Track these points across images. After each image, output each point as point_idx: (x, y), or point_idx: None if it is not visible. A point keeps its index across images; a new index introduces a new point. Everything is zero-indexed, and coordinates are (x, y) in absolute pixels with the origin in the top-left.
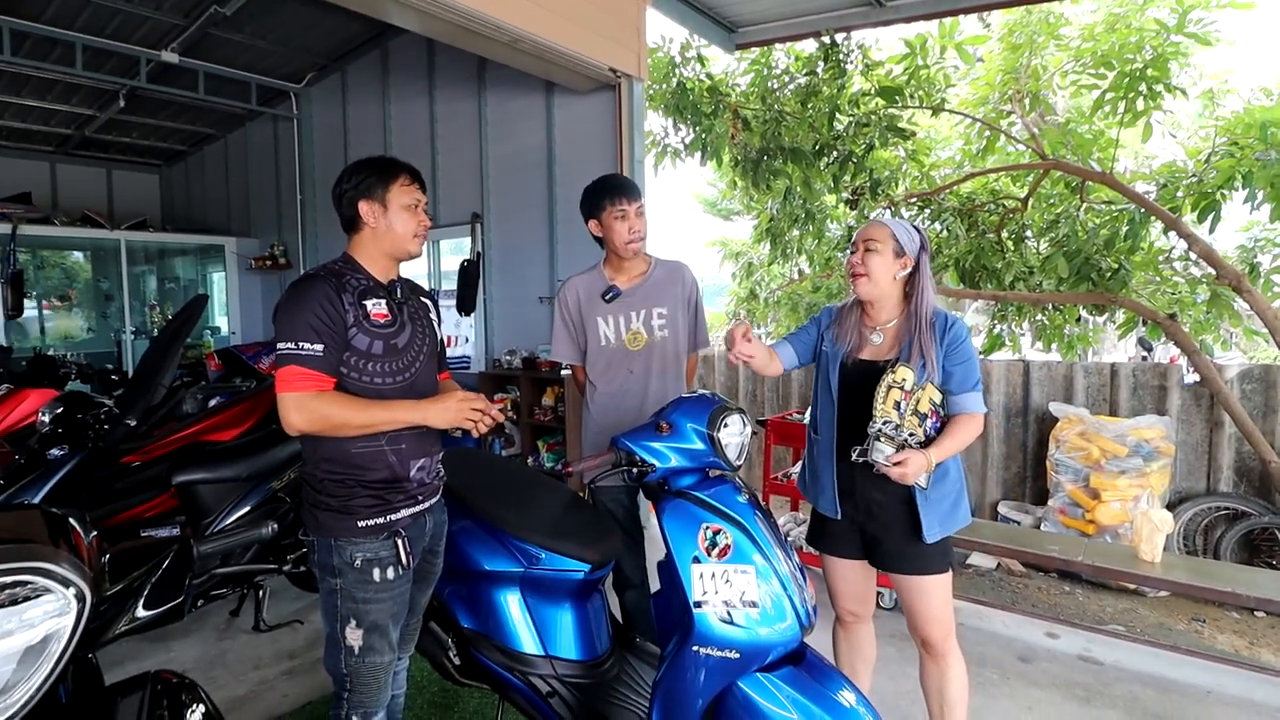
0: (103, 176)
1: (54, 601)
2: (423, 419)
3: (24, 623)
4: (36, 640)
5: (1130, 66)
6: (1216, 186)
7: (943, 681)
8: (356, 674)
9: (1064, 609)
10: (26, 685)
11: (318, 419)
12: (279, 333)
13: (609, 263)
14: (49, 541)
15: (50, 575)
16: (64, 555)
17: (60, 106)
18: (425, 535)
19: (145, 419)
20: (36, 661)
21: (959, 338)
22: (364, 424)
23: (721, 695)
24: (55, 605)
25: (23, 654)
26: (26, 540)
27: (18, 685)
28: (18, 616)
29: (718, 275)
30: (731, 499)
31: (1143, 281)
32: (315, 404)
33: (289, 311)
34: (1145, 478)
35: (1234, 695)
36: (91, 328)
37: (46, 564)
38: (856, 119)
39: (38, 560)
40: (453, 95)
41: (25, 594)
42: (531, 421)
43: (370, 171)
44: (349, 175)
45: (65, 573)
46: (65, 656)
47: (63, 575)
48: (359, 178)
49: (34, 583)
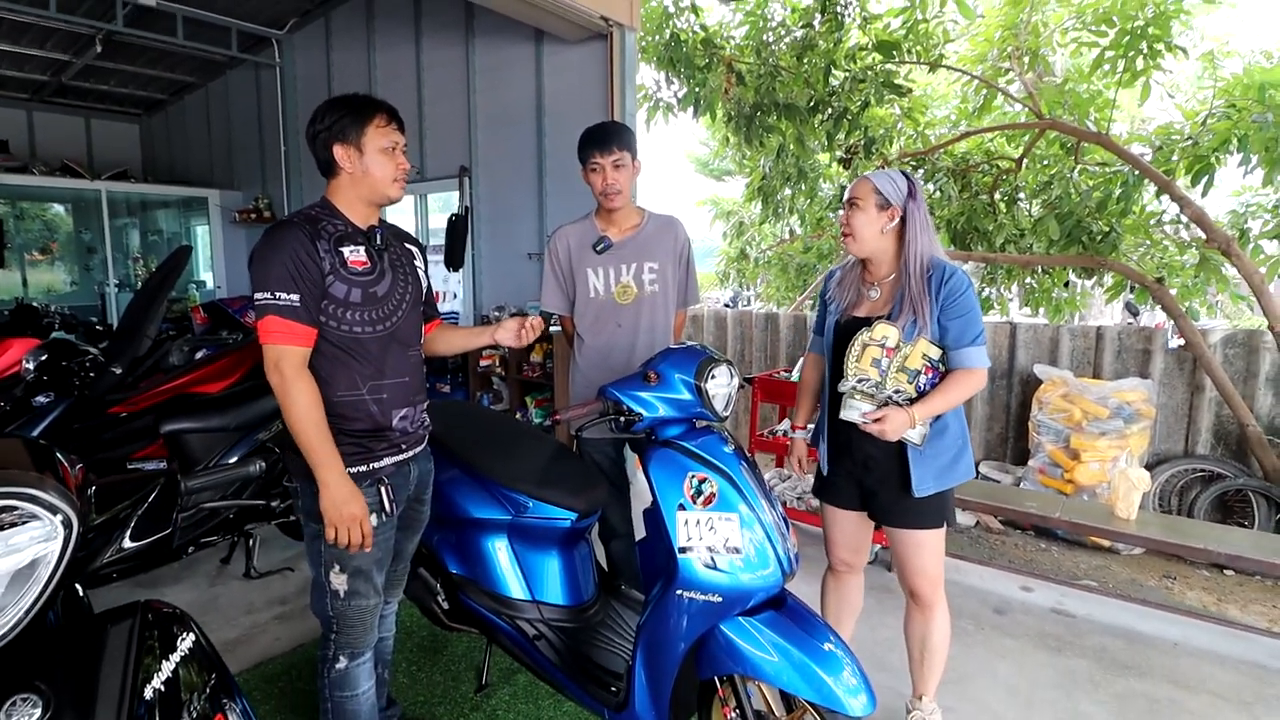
0: (81, 126)
1: (41, 528)
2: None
3: (10, 547)
4: (24, 564)
5: (1132, 24)
6: (1212, 149)
7: (926, 630)
8: (342, 617)
9: (1039, 565)
10: (15, 609)
11: (282, 393)
12: (255, 281)
13: (600, 214)
14: (35, 469)
15: (36, 501)
16: (50, 482)
17: (35, 51)
18: (410, 483)
19: (132, 370)
20: (24, 586)
21: (957, 290)
22: (302, 439)
23: (704, 638)
24: (42, 531)
25: (11, 579)
26: (12, 467)
27: (6, 608)
28: (4, 542)
29: (709, 235)
30: (718, 449)
31: (1133, 245)
32: (292, 382)
33: (264, 260)
34: (1125, 439)
35: (1200, 647)
36: (74, 281)
37: (32, 490)
38: (853, 74)
39: (23, 486)
40: (440, 43)
41: (11, 520)
42: (520, 378)
43: (344, 111)
44: (322, 115)
45: (51, 499)
46: (53, 582)
47: (49, 501)
48: (332, 118)
49: (20, 508)
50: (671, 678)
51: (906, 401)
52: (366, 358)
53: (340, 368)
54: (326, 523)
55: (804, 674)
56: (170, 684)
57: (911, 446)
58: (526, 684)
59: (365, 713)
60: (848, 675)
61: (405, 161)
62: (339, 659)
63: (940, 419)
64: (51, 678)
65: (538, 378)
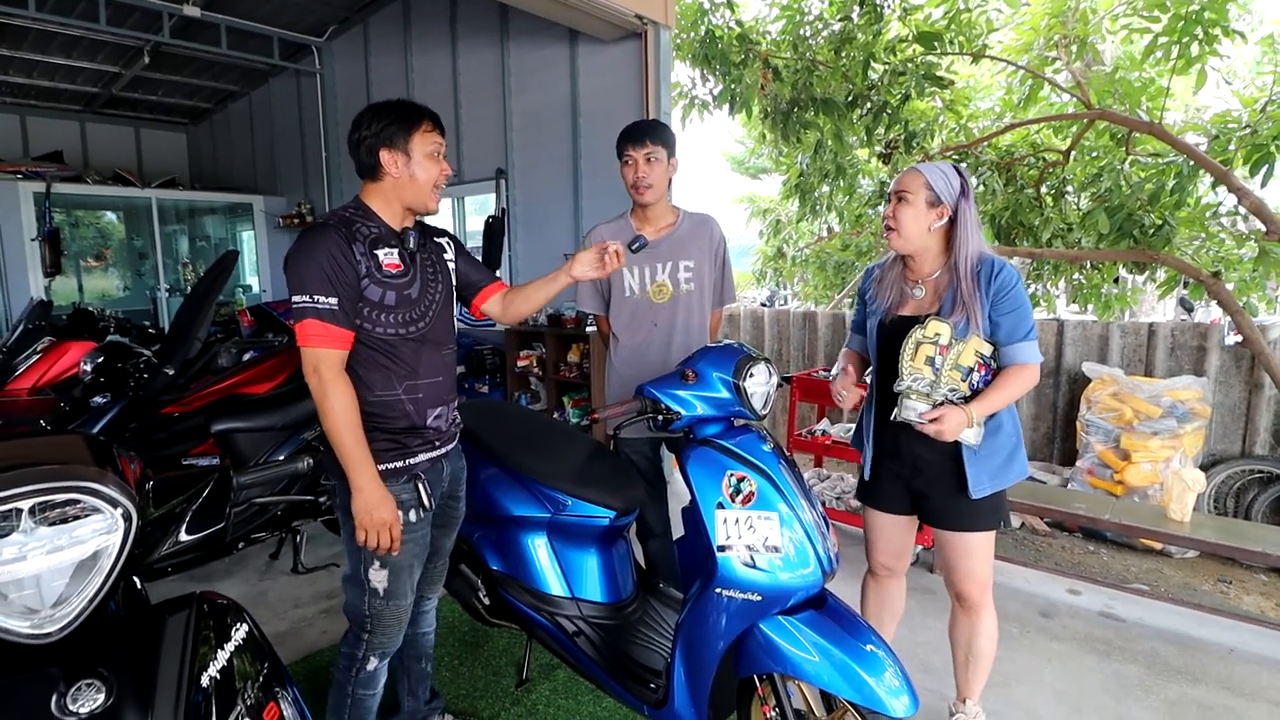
0: (131, 135)
1: (102, 520)
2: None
3: (74, 539)
4: (87, 556)
5: (1186, 8)
6: (1272, 137)
7: (973, 634)
8: (379, 615)
9: (1087, 567)
10: (79, 598)
11: (320, 395)
12: (292, 284)
13: (636, 213)
14: (96, 464)
15: (98, 495)
16: (110, 477)
17: (86, 64)
18: (444, 480)
19: (183, 372)
20: (87, 577)
21: (1007, 285)
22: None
23: (743, 636)
24: (103, 524)
25: (74, 570)
26: (74, 463)
27: (70, 598)
28: (68, 534)
29: (744, 233)
30: (756, 447)
31: (1187, 239)
32: (330, 385)
33: (300, 262)
34: (1179, 439)
35: (1257, 653)
36: (127, 286)
37: (94, 484)
38: (892, 67)
39: (86, 480)
40: (475, 46)
41: (74, 513)
42: (557, 378)
43: (392, 118)
44: (369, 121)
45: (113, 493)
46: (114, 573)
47: (110, 495)
48: (380, 124)
49: (83, 502)
50: (711, 675)
51: (961, 400)
52: (401, 359)
53: (376, 369)
54: (357, 526)
55: (845, 674)
56: (225, 672)
57: (966, 446)
58: (566, 680)
59: (376, 708)
60: (890, 676)
61: (448, 167)
62: (369, 659)
63: (994, 417)
64: (113, 665)
65: (575, 378)
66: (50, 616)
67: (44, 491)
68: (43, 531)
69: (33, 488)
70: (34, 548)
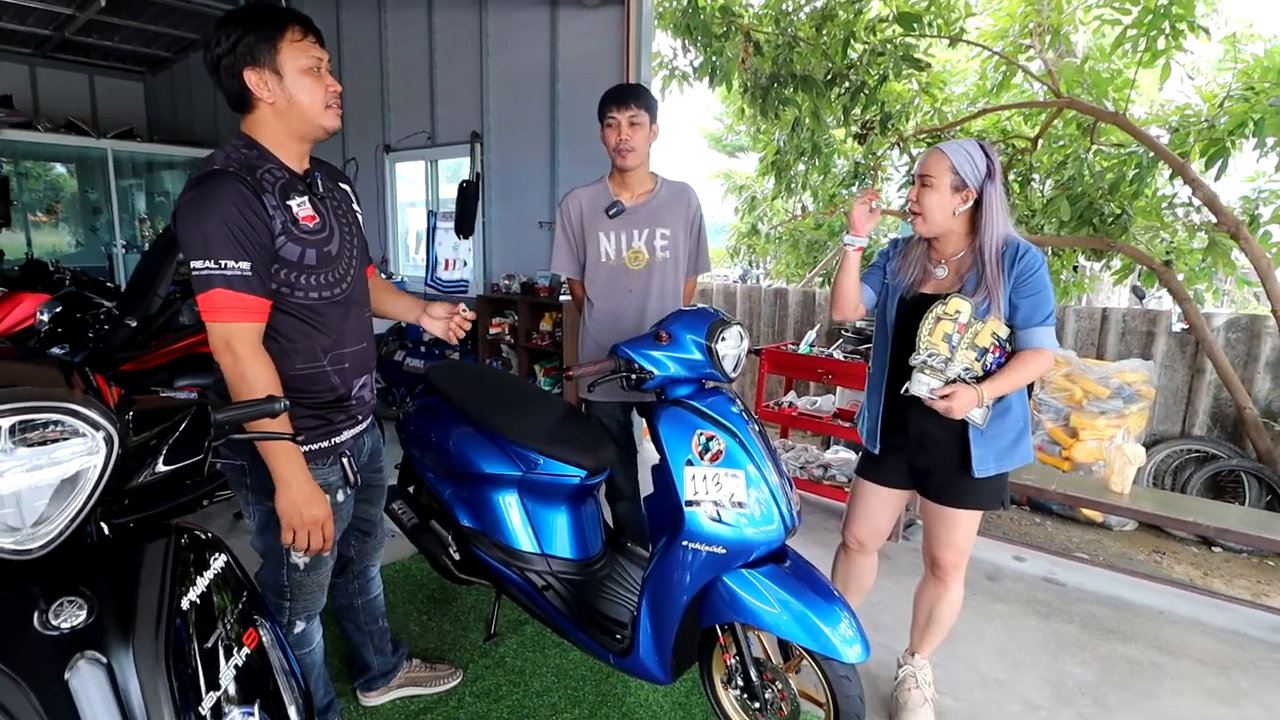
0: (85, 82)
1: (83, 443)
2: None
3: (54, 460)
4: (69, 475)
5: (1155, 2)
6: (1227, 131)
7: (938, 601)
8: (300, 585)
9: (1033, 537)
10: (60, 518)
11: (236, 375)
12: (189, 246)
13: (614, 177)
14: (79, 388)
15: (80, 417)
16: (93, 400)
17: (36, 4)
18: (364, 454)
19: (144, 328)
20: (68, 497)
21: (1031, 268)
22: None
23: (707, 588)
24: (84, 446)
25: (55, 492)
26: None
27: (52, 518)
28: (48, 455)
29: (720, 210)
30: (726, 409)
31: (1142, 228)
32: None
33: (200, 219)
34: (1123, 419)
35: (1184, 616)
36: (80, 241)
37: (77, 406)
38: (872, 47)
39: (69, 402)
40: (453, 5)
41: (55, 435)
42: (529, 346)
43: (248, 28)
44: (221, 36)
45: (95, 416)
46: (95, 495)
47: (92, 418)
48: (235, 38)
49: (64, 423)
50: (675, 625)
51: (973, 380)
52: (326, 326)
53: (299, 338)
54: (284, 524)
55: (803, 623)
56: (205, 598)
57: (973, 426)
58: (534, 634)
59: (320, 661)
60: (844, 626)
61: (335, 83)
62: (295, 624)
63: (1004, 399)
64: (94, 584)
65: (547, 346)
66: (31, 534)
67: (25, 410)
68: (22, 452)
69: (13, 406)
70: (13, 466)
